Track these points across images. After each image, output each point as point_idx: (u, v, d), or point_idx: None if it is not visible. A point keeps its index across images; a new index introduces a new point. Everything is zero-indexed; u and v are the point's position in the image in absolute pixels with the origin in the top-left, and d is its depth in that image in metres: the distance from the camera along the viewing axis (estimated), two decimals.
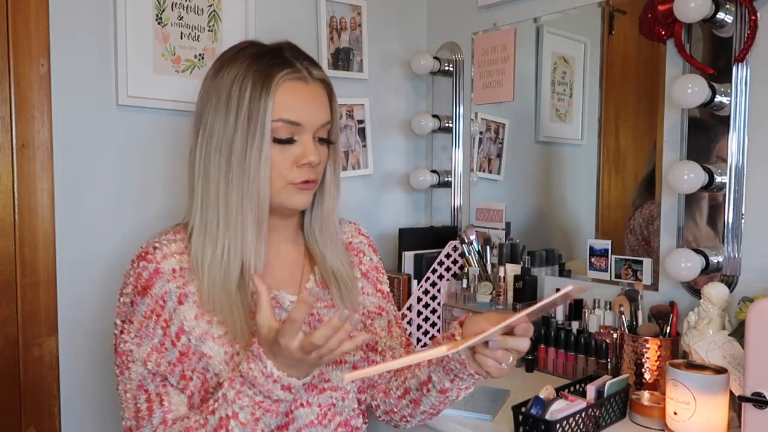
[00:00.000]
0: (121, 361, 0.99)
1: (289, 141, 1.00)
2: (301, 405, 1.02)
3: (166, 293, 0.97)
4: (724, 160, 1.36)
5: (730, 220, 1.36)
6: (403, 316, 1.71)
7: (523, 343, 0.90)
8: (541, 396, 1.16)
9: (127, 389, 0.98)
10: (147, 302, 0.97)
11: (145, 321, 0.97)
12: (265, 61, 0.99)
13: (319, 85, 1.03)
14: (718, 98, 1.33)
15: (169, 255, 1.00)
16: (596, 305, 1.55)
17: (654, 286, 1.49)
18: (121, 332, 0.99)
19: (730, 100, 1.34)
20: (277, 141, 0.99)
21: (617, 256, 1.56)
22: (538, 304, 0.85)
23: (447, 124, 1.99)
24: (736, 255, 1.36)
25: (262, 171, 0.97)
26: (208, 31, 1.57)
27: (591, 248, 1.62)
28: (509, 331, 0.90)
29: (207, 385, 0.97)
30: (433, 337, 1.75)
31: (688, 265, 1.32)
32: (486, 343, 0.90)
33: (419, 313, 1.72)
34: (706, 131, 1.41)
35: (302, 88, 1.00)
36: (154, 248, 1.00)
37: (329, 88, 1.06)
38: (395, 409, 1.10)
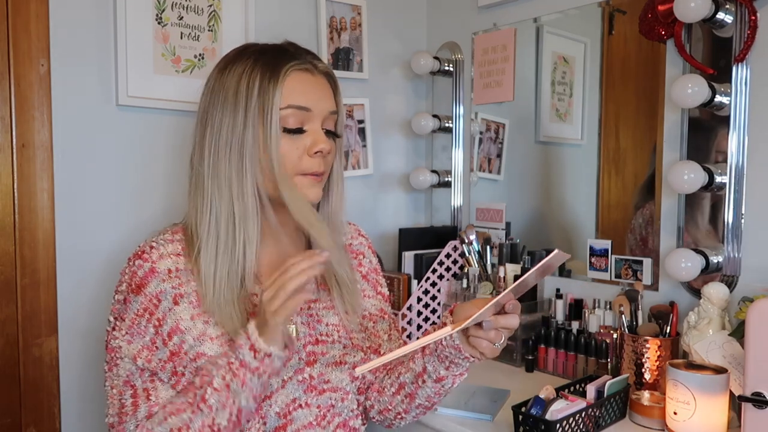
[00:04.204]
0: (110, 357, 0.98)
1: (299, 131, 1.00)
2: (300, 406, 1.02)
3: (161, 292, 0.97)
4: (724, 160, 1.36)
5: (730, 220, 1.36)
6: (403, 316, 1.71)
7: (514, 320, 0.93)
8: (541, 396, 1.16)
9: (113, 385, 0.98)
10: (140, 300, 0.97)
11: (137, 319, 0.97)
12: (271, 55, 1.01)
13: (324, 77, 1.05)
14: (718, 98, 1.33)
15: (165, 255, 0.99)
16: (596, 305, 1.55)
17: (654, 286, 1.50)
18: (113, 329, 0.99)
19: (730, 100, 1.34)
20: (287, 131, 0.99)
21: (617, 256, 1.57)
22: (521, 279, 0.89)
23: (447, 124, 1.99)
24: (736, 255, 1.36)
25: (274, 162, 0.97)
26: (208, 31, 1.57)
27: (591, 248, 1.62)
28: (499, 312, 0.93)
29: None
30: None
31: (688, 265, 1.32)
32: (479, 326, 0.93)
33: (419, 313, 1.72)
34: (706, 131, 1.41)
35: (309, 78, 1.02)
36: (151, 247, 1.00)
37: (333, 81, 1.07)
38: (390, 407, 1.10)
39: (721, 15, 1.32)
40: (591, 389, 1.20)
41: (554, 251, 0.83)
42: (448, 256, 1.77)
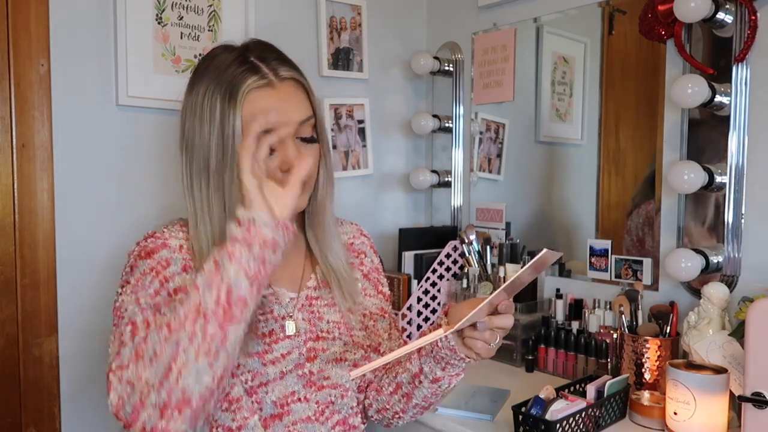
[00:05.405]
0: (116, 316, 0.95)
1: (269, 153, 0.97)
2: (299, 400, 1.03)
3: (171, 258, 0.98)
4: (724, 160, 1.36)
5: (730, 220, 1.36)
6: (403, 316, 1.71)
7: (508, 320, 0.94)
8: (541, 396, 1.16)
9: (115, 334, 0.92)
10: (148, 262, 0.97)
11: (143, 277, 0.96)
12: (231, 72, 0.97)
13: (290, 84, 1.00)
14: (718, 98, 1.33)
15: (175, 237, 1.01)
16: (596, 305, 1.55)
17: (654, 286, 1.50)
18: (119, 294, 0.97)
19: (730, 100, 1.34)
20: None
21: (617, 256, 1.57)
22: (513, 277, 0.89)
23: (447, 124, 1.99)
24: (736, 255, 1.36)
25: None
26: (208, 31, 1.57)
27: (591, 248, 1.62)
28: (493, 312, 0.93)
29: None
30: None
31: (688, 265, 1.32)
32: (474, 327, 0.93)
33: (419, 313, 1.72)
34: (706, 131, 1.41)
35: (270, 94, 0.97)
36: (162, 231, 1.02)
37: (302, 85, 1.02)
38: (387, 406, 1.10)
39: (721, 15, 1.32)
40: (591, 389, 1.20)
41: (543, 251, 0.85)
42: (448, 256, 1.77)
